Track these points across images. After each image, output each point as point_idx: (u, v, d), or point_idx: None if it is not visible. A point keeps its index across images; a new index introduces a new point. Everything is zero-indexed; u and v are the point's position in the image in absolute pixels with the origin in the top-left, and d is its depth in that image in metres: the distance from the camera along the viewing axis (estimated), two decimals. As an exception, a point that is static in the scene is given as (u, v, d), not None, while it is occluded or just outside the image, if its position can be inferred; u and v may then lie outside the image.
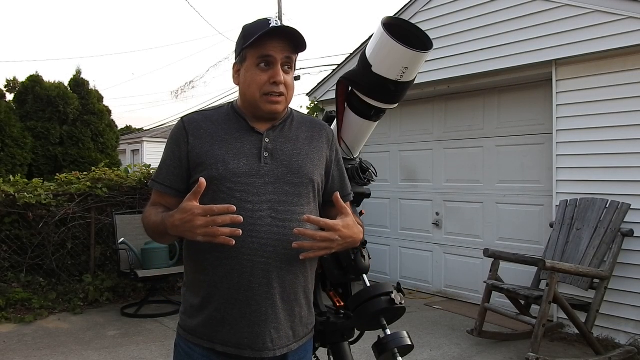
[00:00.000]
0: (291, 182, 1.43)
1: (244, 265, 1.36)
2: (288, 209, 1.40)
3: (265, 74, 1.39)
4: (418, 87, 4.89)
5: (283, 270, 1.39)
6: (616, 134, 4.11)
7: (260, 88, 1.40)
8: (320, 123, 1.57)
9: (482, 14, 4.88)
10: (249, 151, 1.43)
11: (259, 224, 1.37)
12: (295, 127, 1.51)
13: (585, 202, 4.17)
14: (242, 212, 1.32)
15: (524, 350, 3.87)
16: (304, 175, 1.44)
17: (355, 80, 1.64)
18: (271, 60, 1.39)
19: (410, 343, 1.49)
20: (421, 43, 1.51)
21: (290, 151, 1.46)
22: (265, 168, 1.41)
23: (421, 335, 4.32)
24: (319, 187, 1.49)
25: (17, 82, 10.48)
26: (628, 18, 3.95)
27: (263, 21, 1.41)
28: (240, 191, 1.38)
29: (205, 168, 1.40)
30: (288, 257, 1.38)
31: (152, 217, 1.43)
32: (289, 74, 1.42)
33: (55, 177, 6.01)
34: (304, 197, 1.44)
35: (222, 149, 1.42)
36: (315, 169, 1.47)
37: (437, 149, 5.74)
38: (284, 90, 1.41)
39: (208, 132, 1.45)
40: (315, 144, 1.51)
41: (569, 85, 4.39)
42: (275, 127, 1.47)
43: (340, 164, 1.58)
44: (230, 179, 1.39)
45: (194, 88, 49.80)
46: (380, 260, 6.09)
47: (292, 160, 1.44)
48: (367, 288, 1.54)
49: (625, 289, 4.03)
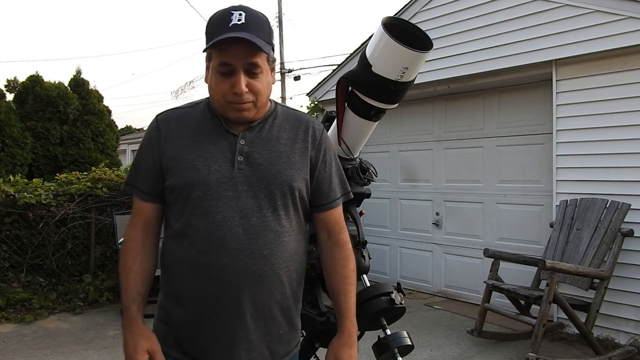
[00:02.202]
0: (267, 190, 1.31)
1: (212, 282, 1.28)
2: (262, 220, 1.29)
3: (226, 82, 1.27)
4: (418, 87, 4.89)
5: (255, 287, 1.29)
6: (616, 134, 4.11)
7: (223, 96, 1.29)
8: (307, 120, 1.44)
9: (482, 14, 4.88)
10: (222, 155, 1.31)
11: (228, 236, 1.27)
12: (278, 125, 1.38)
13: (585, 202, 4.17)
14: (211, 224, 1.27)
15: (524, 350, 3.87)
16: (283, 181, 1.32)
17: (355, 80, 1.64)
18: (231, 68, 1.26)
19: (410, 343, 1.50)
20: (421, 43, 1.51)
21: (269, 154, 1.33)
22: (238, 174, 1.30)
23: (421, 335, 4.32)
24: (302, 194, 1.36)
25: (17, 82, 10.47)
26: (628, 18, 3.95)
27: (225, 16, 1.27)
28: (209, 200, 1.28)
29: (174, 174, 1.31)
30: (261, 272, 1.28)
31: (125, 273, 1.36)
32: (257, 78, 1.29)
33: (55, 177, 6.01)
34: (282, 206, 1.32)
35: (194, 152, 1.31)
36: (296, 174, 1.34)
37: (437, 149, 5.74)
38: (249, 98, 1.29)
39: (180, 133, 1.35)
40: (298, 145, 1.38)
41: (569, 85, 4.39)
42: (253, 128, 1.35)
43: (329, 165, 1.43)
44: (198, 186, 1.28)
45: (194, 88, 49.68)
46: (380, 260, 6.09)
47: (269, 164, 1.32)
48: (367, 288, 1.54)
49: (625, 289, 4.03)
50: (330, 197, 1.42)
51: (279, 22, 14.79)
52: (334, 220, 1.44)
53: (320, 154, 1.40)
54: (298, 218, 1.37)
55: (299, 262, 1.38)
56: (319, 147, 1.40)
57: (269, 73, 1.33)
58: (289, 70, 14.80)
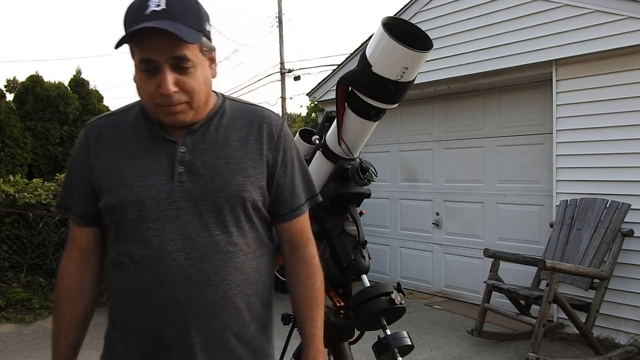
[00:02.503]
0: (213, 204, 1.11)
1: (153, 319, 1.11)
2: (209, 241, 1.10)
3: (152, 81, 1.06)
4: (418, 87, 4.89)
5: (205, 320, 1.11)
6: (616, 134, 4.11)
7: (150, 98, 1.09)
8: (261, 115, 1.22)
9: (482, 14, 4.88)
10: (159, 167, 1.12)
11: (168, 264, 1.08)
12: (225, 125, 1.18)
13: (585, 202, 4.17)
14: (148, 251, 1.09)
15: (524, 350, 3.87)
16: (232, 192, 1.12)
17: (355, 80, 1.63)
18: (154, 65, 1.05)
19: (410, 343, 1.49)
20: (421, 43, 1.51)
21: (214, 161, 1.13)
22: (178, 188, 1.11)
23: (421, 335, 4.32)
24: (257, 205, 1.16)
25: (17, 82, 10.49)
26: (628, 18, 3.95)
27: (141, 2, 1.06)
28: (145, 222, 1.10)
29: (107, 193, 1.13)
30: (210, 302, 1.11)
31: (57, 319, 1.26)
32: (189, 73, 1.08)
33: (55, 177, 6.01)
34: (232, 222, 1.12)
35: (126, 167, 1.12)
36: (249, 182, 1.14)
37: (437, 149, 5.74)
38: (181, 98, 1.08)
39: (112, 144, 1.16)
40: (251, 146, 1.17)
41: (569, 85, 4.39)
42: (195, 131, 1.14)
43: (291, 167, 1.22)
44: (131, 206, 1.10)
45: (194, 88, 49.20)
46: (380, 260, 6.09)
47: (215, 173, 1.12)
48: (367, 288, 1.54)
49: (625, 289, 4.03)
50: (294, 205, 1.23)
51: (279, 22, 14.81)
52: (299, 232, 1.26)
53: (279, 155, 1.19)
54: (255, 232, 1.18)
55: (261, 283, 1.20)
56: (277, 146, 1.19)
57: (206, 65, 1.13)
58: (289, 70, 14.81)
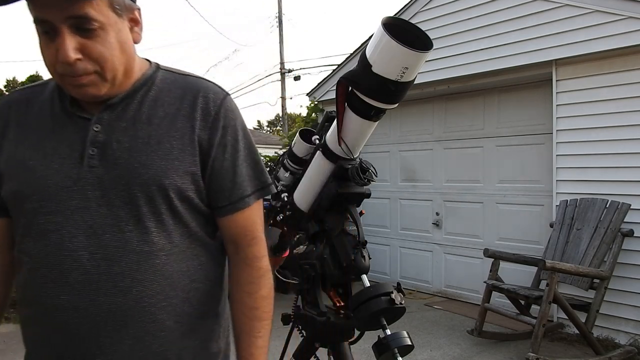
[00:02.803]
0: (127, 194, 0.93)
1: (48, 331, 0.94)
2: (119, 238, 0.92)
3: (52, 47, 0.88)
4: (418, 87, 4.89)
5: (114, 336, 0.91)
6: (616, 134, 4.11)
7: (52, 67, 0.91)
8: (197, 87, 1.02)
9: (482, 14, 4.88)
10: (68, 149, 0.94)
11: (67, 265, 0.90)
12: (152, 99, 0.99)
13: (585, 202, 4.18)
14: (45, 248, 0.91)
15: (524, 350, 3.87)
16: (149, 179, 0.93)
17: (355, 80, 1.63)
18: (50, 27, 0.87)
19: (410, 343, 1.49)
20: (421, 43, 1.51)
21: (132, 142, 0.94)
22: (88, 174, 0.93)
23: (421, 335, 4.32)
24: (186, 194, 0.97)
25: (17, 82, 10.50)
26: (628, 18, 3.95)
27: None
28: (45, 214, 0.92)
29: (9, 178, 0.96)
30: (121, 313, 0.91)
31: None
32: (96, 36, 0.88)
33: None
34: (150, 214, 0.94)
35: (31, 148, 0.96)
36: (172, 166, 0.95)
37: (437, 149, 5.74)
38: (87, 67, 0.89)
39: (22, 123, 0.99)
40: (180, 124, 0.98)
41: (569, 85, 4.39)
42: (114, 106, 0.96)
43: (232, 149, 1.02)
44: (31, 195, 0.93)
45: (194, 88, 49.57)
46: (380, 260, 6.09)
47: (131, 156, 0.93)
48: (367, 288, 1.54)
49: (625, 289, 4.03)
50: (234, 196, 1.02)
51: (279, 22, 14.82)
52: (242, 228, 1.05)
53: (217, 134, 0.99)
54: (185, 228, 0.98)
55: (195, 289, 1.00)
56: (215, 123, 0.99)
57: (123, 27, 0.93)
58: (289, 70, 14.82)
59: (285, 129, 15.41)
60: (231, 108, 1.03)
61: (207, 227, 1.04)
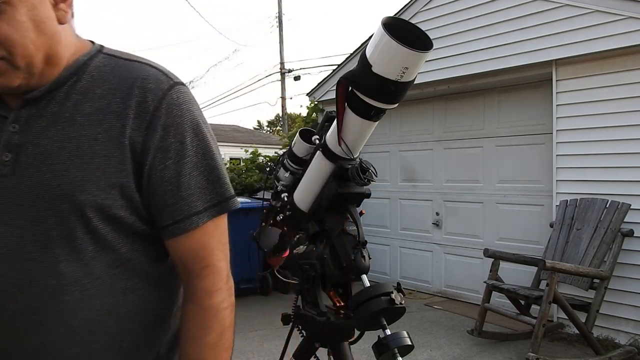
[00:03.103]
0: (34, 211, 0.75)
1: None
2: (20, 268, 0.75)
3: None
4: (418, 87, 4.89)
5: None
6: (616, 134, 4.11)
7: None
8: (137, 74, 0.82)
9: (482, 14, 4.89)
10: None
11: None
12: (82, 91, 0.80)
13: (585, 202, 4.17)
14: None
15: (524, 350, 3.87)
16: (60, 195, 0.75)
17: (355, 80, 1.63)
18: None
19: (410, 343, 1.49)
20: (421, 43, 1.51)
21: (49, 145, 0.77)
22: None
23: (421, 335, 4.32)
24: (112, 213, 0.78)
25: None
26: (628, 18, 3.95)
27: None
28: None
29: None
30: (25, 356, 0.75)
31: None
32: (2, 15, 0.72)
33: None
34: (59, 240, 0.75)
35: None
36: (93, 177, 0.76)
37: (437, 149, 5.74)
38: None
39: None
40: (109, 122, 0.78)
41: (569, 85, 4.39)
42: (36, 101, 0.79)
43: (178, 154, 0.81)
44: None
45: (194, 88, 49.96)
46: (380, 260, 6.09)
47: (44, 164, 0.76)
48: (367, 288, 1.54)
49: (625, 289, 4.03)
50: (178, 213, 0.81)
51: (279, 22, 14.82)
52: (190, 254, 0.84)
53: (155, 135, 0.79)
54: (111, 255, 0.79)
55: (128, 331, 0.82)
56: (152, 122, 0.78)
57: (36, 3, 0.75)
58: (289, 70, 14.82)
59: (285, 129, 15.42)
60: (177, 102, 0.82)
61: (149, 251, 0.84)
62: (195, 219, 0.82)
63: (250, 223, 5.13)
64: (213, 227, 0.85)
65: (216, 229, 0.86)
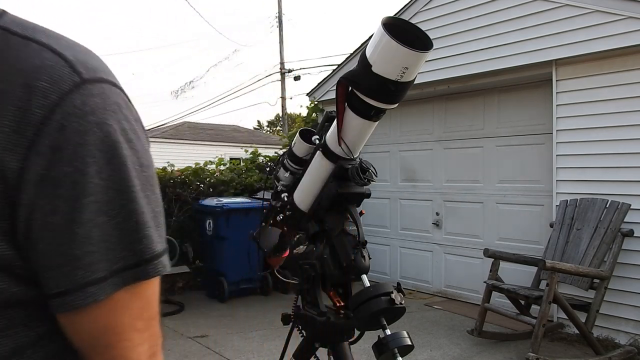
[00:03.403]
0: None
1: None
2: None
3: None
4: (418, 87, 4.89)
5: None
6: (616, 134, 4.11)
7: None
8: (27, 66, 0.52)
9: (482, 14, 4.89)
10: None
11: None
12: None
13: (585, 202, 4.17)
14: None
15: (524, 350, 3.87)
16: None
17: (355, 80, 1.63)
18: None
19: (410, 343, 1.49)
20: (421, 43, 1.51)
21: None
22: None
23: (421, 335, 4.32)
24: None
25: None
26: (628, 18, 3.95)
27: None
28: None
29: None
30: None
31: None
32: None
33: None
34: None
35: None
36: None
37: (437, 149, 5.74)
38: None
39: None
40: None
41: (569, 85, 4.39)
42: None
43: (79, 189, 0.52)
44: None
45: (194, 88, 49.97)
46: (380, 260, 6.09)
47: None
48: (367, 288, 1.54)
49: (625, 289, 4.03)
50: (68, 280, 0.53)
51: (279, 22, 14.83)
52: (89, 337, 0.57)
53: (38, 162, 0.51)
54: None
55: None
56: (38, 141, 0.51)
57: None
58: (289, 70, 14.83)
59: (285, 129, 15.43)
60: (81, 111, 0.53)
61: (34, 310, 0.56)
62: (92, 290, 0.53)
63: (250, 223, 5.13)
64: (127, 299, 0.56)
65: (133, 300, 0.57)
